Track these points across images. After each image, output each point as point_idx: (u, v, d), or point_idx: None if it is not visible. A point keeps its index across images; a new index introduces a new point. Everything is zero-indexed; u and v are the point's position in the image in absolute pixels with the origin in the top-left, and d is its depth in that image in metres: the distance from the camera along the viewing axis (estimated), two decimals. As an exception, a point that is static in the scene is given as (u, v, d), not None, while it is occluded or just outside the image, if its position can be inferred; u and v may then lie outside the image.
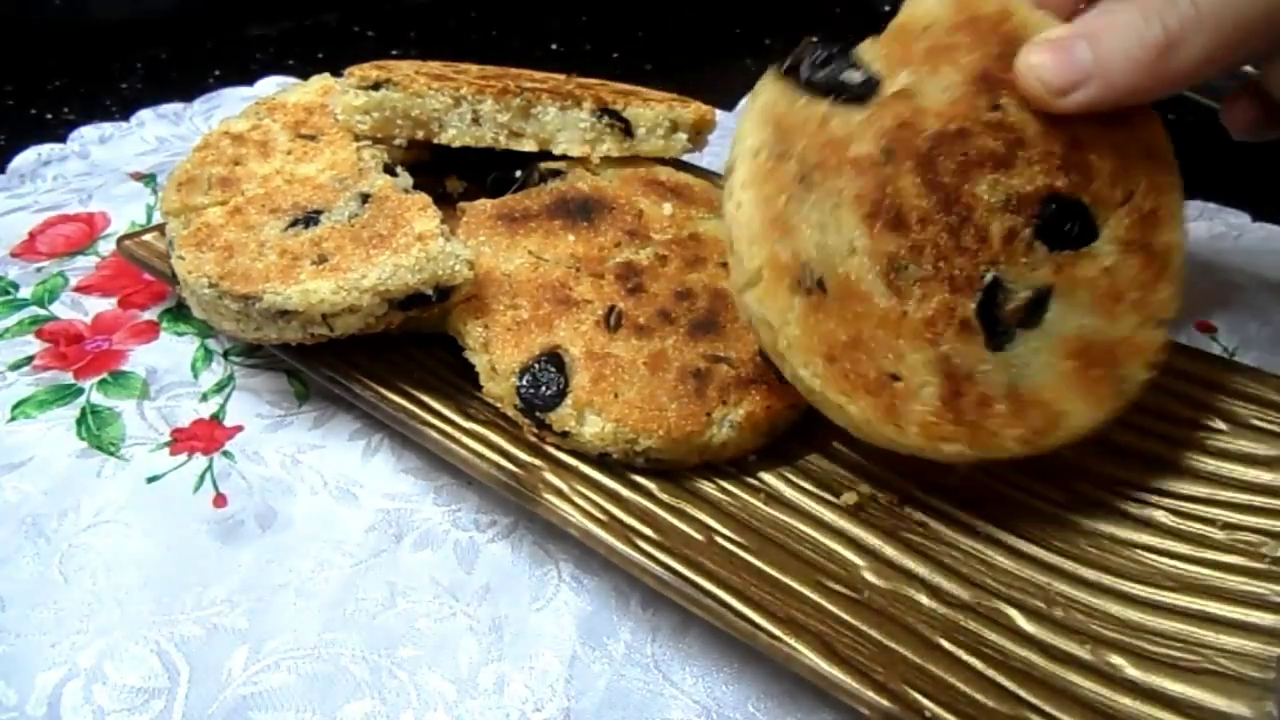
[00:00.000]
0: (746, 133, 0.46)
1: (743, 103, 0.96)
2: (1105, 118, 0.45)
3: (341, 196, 0.56)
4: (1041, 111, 0.46)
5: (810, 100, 0.45)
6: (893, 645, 0.43)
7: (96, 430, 0.58)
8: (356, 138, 0.61)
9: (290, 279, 0.51)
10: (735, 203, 0.45)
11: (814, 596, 0.45)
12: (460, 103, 0.61)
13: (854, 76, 0.45)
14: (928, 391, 0.44)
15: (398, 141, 0.62)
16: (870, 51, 0.46)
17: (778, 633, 0.43)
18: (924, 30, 0.46)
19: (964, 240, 0.45)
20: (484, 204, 0.60)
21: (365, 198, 0.56)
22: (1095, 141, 0.46)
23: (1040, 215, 0.46)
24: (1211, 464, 0.52)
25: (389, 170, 0.59)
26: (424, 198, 0.56)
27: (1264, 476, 0.51)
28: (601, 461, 0.51)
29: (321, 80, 0.67)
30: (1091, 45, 0.43)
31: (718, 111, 0.70)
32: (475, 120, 0.62)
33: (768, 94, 0.46)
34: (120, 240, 0.64)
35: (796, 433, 0.53)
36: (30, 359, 0.62)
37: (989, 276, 0.45)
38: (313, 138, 0.61)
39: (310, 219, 0.55)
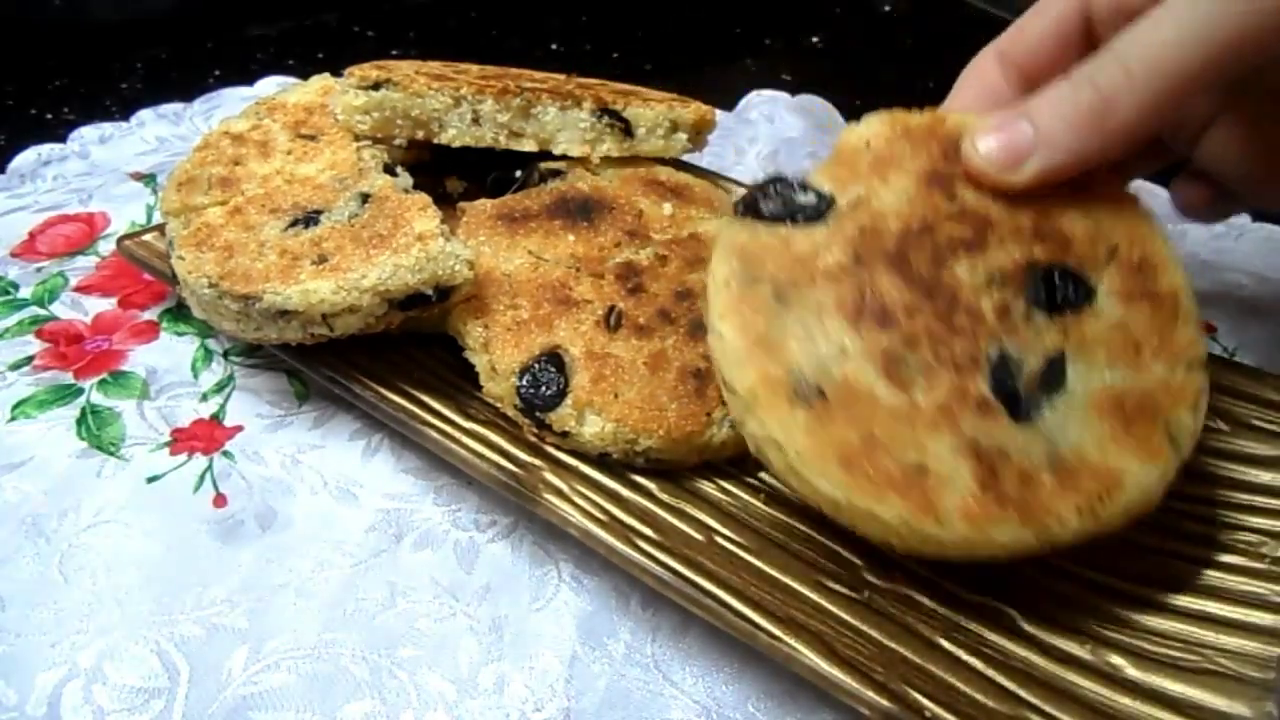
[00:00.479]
0: (714, 269, 0.45)
1: (742, 102, 0.96)
2: (1065, 187, 0.45)
3: (341, 196, 0.56)
4: (1000, 192, 0.46)
5: (770, 228, 0.46)
6: (893, 645, 0.43)
7: (96, 430, 0.58)
8: (356, 138, 0.61)
9: (290, 279, 0.51)
10: (716, 335, 0.44)
11: (814, 596, 0.45)
12: (460, 103, 0.61)
13: (808, 198, 0.46)
14: (962, 477, 0.40)
15: (398, 141, 0.62)
16: (818, 177, 0.47)
17: (778, 633, 0.43)
18: (865, 148, 0.47)
19: (957, 322, 0.43)
20: (484, 204, 0.60)
21: (365, 198, 0.56)
22: (1061, 210, 0.46)
23: (1029, 285, 0.45)
24: (1211, 464, 0.52)
25: (389, 170, 0.59)
26: (424, 198, 0.56)
27: (1264, 476, 0.51)
28: (601, 461, 0.51)
29: (321, 80, 0.67)
30: (1031, 119, 0.44)
31: (718, 111, 0.70)
32: (475, 120, 0.62)
33: (729, 232, 0.46)
34: (120, 240, 0.64)
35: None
36: (30, 359, 0.62)
37: (994, 352, 0.43)
38: (313, 138, 0.61)
39: (310, 219, 0.55)
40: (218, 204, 0.56)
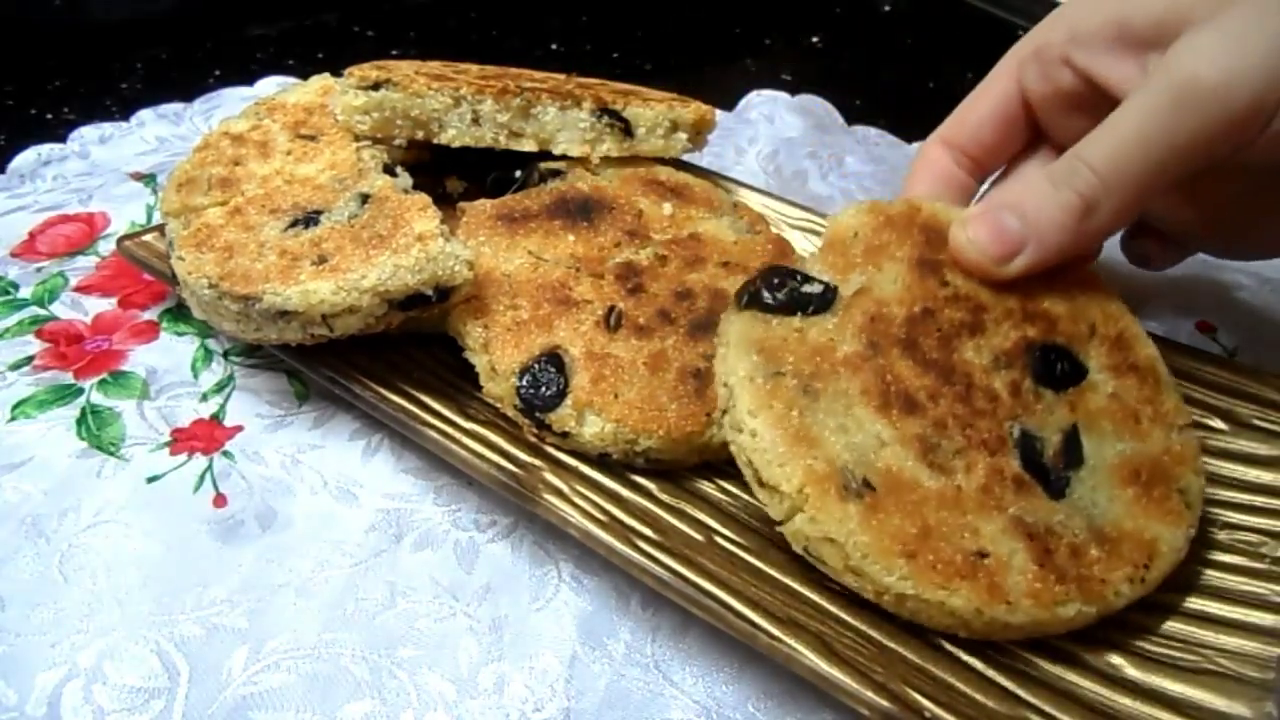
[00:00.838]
0: (733, 366, 0.46)
1: (742, 102, 0.96)
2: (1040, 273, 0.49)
3: (341, 197, 0.56)
4: (984, 280, 0.49)
5: (781, 320, 0.47)
6: (893, 645, 0.43)
7: (96, 430, 0.58)
8: (356, 138, 0.61)
9: (290, 279, 0.51)
10: (749, 433, 0.44)
11: (814, 596, 0.45)
12: (460, 103, 0.61)
13: (813, 288, 0.48)
14: (1019, 559, 0.42)
15: (398, 141, 0.62)
16: (814, 266, 0.49)
17: (777, 633, 0.43)
18: (854, 238, 0.50)
19: (977, 404, 0.46)
20: (484, 204, 0.60)
21: (365, 198, 0.56)
22: (1041, 292, 0.50)
23: (1030, 364, 0.48)
24: (1212, 464, 0.52)
25: (389, 170, 0.59)
26: (424, 198, 0.56)
27: (1264, 476, 0.51)
28: (601, 462, 0.51)
29: (321, 80, 0.67)
30: (1017, 215, 0.48)
31: (718, 111, 0.70)
32: (475, 120, 0.62)
33: (738, 326, 0.47)
34: (120, 240, 0.64)
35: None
36: (30, 359, 0.62)
37: (1016, 431, 0.46)
38: (312, 138, 0.61)
39: (310, 219, 0.55)
40: (218, 204, 0.56)
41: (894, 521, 0.42)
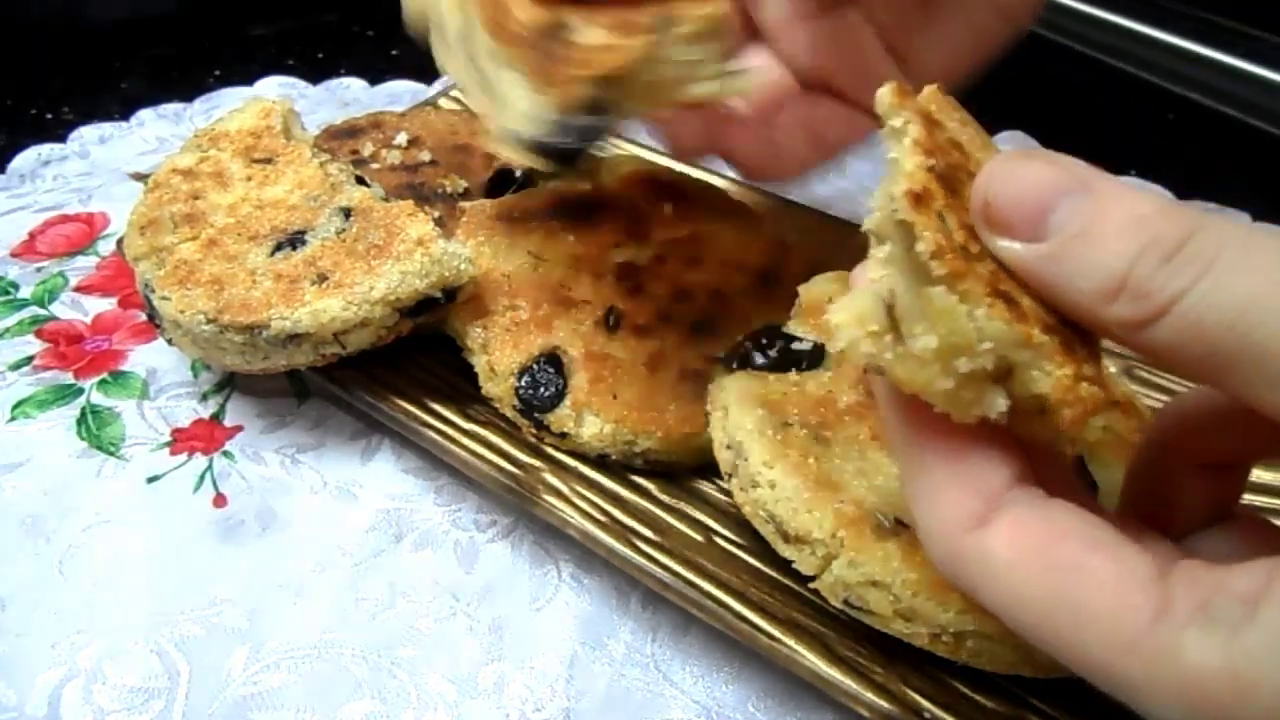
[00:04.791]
0: (739, 422, 0.46)
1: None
2: None
3: (321, 213, 0.55)
4: None
5: (777, 377, 0.48)
6: (893, 645, 0.43)
7: (96, 430, 0.58)
8: (315, 154, 0.59)
9: (294, 301, 0.50)
10: (766, 485, 0.44)
11: (814, 597, 0.45)
12: None
13: (803, 345, 0.50)
14: None
15: None
16: (798, 327, 0.51)
17: (777, 634, 0.43)
18: (829, 303, 0.50)
19: None
20: (484, 204, 0.60)
21: (347, 212, 0.55)
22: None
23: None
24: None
25: (360, 181, 0.58)
26: (409, 204, 0.55)
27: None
28: (601, 462, 0.51)
29: (258, 104, 0.63)
30: None
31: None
32: None
33: (735, 386, 0.48)
34: (120, 240, 0.64)
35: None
36: (30, 359, 0.62)
37: None
38: (269, 160, 0.59)
39: (295, 240, 0.54)
40: (188, 240, 0.55)
41: None
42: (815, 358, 0.49)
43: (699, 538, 0.48)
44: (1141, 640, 0.27)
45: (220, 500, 0.54)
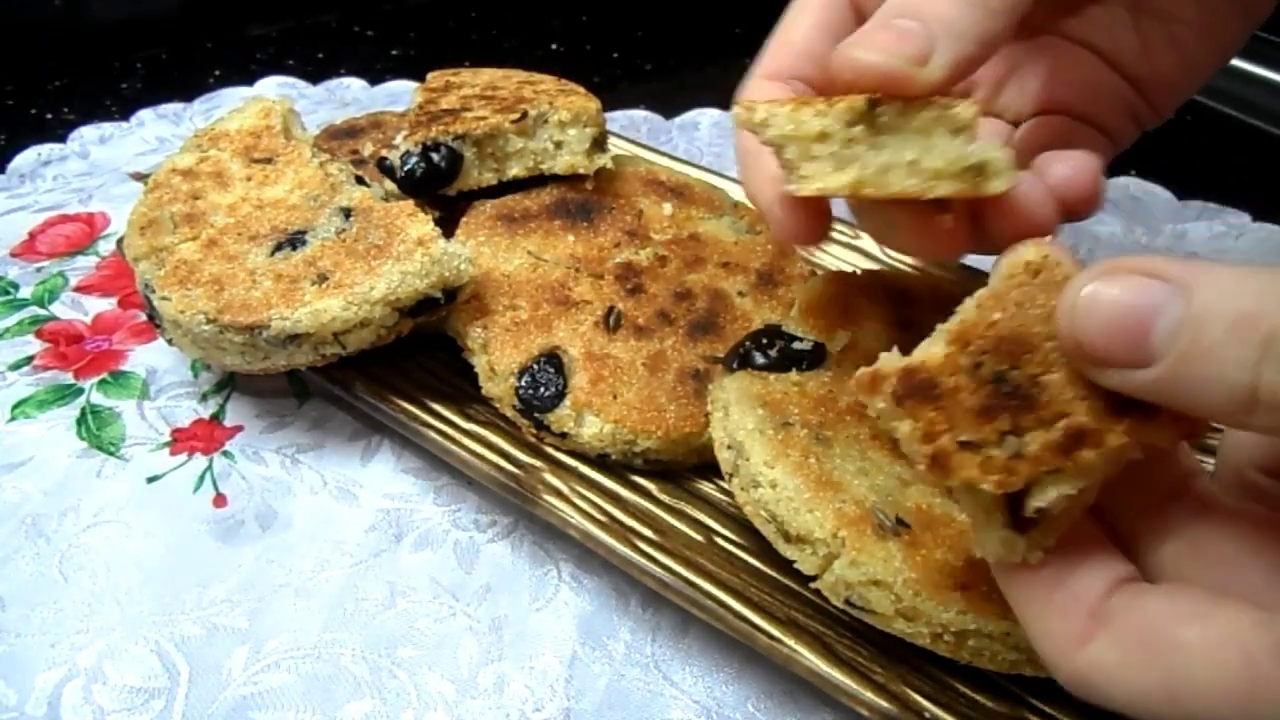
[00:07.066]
0: (739, 422, 0.46)
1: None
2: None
3: (321, 214, 0.55)
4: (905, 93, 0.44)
5: (778, 377, 0.48)
6: (893, 645, 0.43)
7: (96, 430, 0.58)
8: (315, 154, 0.59)
9: (294, 302, 0.50)
10: (767, 485, 0.44)
11: (814, 597, 0.45)
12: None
13: (803, 345, 0.50)
14: None
15: None
16: (797, 327, 0.51)
17: (777, 634, 0.43)
18: (828, 303, 0.52)
19: None
20: (484, 204, 0.60)
21: (348, 212, 0.55)
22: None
23: None
24: (1212, 463, 0.52)
25: (360, 181, 0.58)
26: (409, 204, 0.55)
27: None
28: (601, 462, 0.51)
29: (258, 104, 0.64)
30: (912, 18, 0.38)
31: (715, 111, 0.69)
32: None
33: (735, 386, 0.48)
34: (120, 240, 0.64)
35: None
36: (30, 359, 0.62)
37: None
38: (268, 160, 0.59)
39: (295, 240, 0.54)
40: (188, 240, 0.55)
41: (937, 556, 0.41)
42: (815, 358, 0.49)
43: (699, 538, 0.48)
44: (1248, 694, 0.28)
45: (220, 500, 0.54)
